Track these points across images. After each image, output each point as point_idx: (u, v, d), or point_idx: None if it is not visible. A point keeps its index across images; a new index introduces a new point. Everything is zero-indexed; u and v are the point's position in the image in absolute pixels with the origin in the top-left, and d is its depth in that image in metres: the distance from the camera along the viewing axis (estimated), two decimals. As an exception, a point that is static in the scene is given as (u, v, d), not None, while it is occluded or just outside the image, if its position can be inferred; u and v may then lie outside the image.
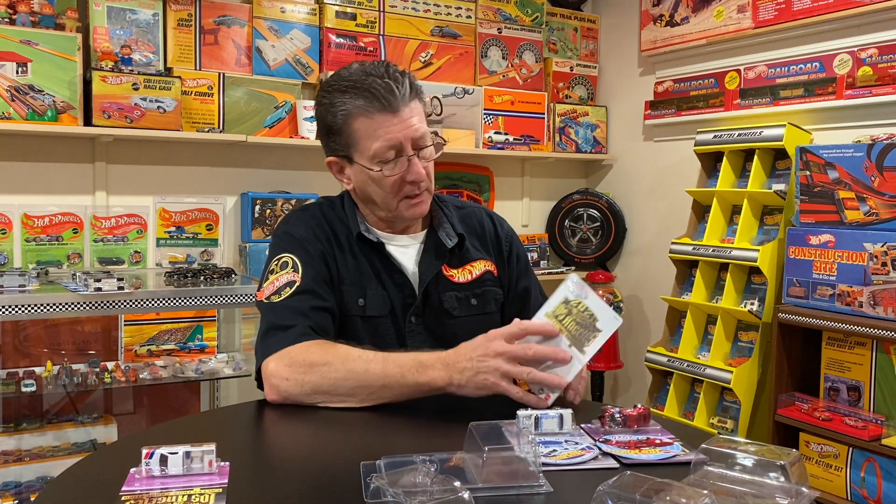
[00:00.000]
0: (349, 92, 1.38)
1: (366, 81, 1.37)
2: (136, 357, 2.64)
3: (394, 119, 1.37)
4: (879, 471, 2.18)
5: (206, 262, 2.82)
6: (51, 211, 2.58)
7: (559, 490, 0.94)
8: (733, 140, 2.82)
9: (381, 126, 1.37)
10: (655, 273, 3.40)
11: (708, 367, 2.73)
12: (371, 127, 1.38)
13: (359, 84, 1.37)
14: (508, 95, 3.39)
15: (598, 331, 1.26)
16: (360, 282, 1.46)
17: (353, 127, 1.40)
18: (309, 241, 1.46)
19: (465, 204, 1.65)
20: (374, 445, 1.12)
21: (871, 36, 2.59)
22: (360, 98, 1.37)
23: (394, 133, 1.37)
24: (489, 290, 1.54)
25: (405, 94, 1.37)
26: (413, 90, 1.39)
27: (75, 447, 2.46)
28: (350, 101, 1.38)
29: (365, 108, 1.37)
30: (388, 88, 1.36)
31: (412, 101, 1.39)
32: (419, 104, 1.41)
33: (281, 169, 3.02)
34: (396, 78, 1.37)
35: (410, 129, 1.38)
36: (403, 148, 1.39)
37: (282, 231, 1.50)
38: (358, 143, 1.41)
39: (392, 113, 1.37)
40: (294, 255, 1.43)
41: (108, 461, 1.07)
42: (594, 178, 3.81)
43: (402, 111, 1.37)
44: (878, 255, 2.19)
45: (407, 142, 1.38)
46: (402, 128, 1.37)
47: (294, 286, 1.39)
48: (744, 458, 0.95)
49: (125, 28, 2.65)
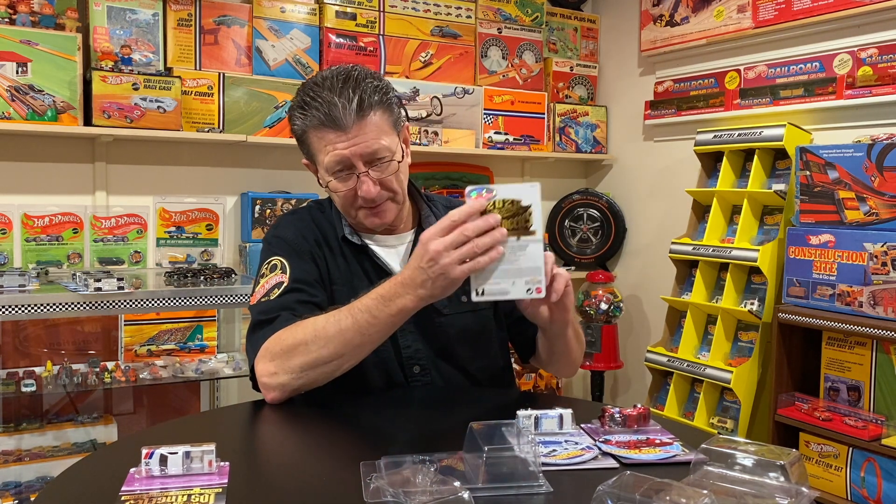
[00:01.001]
0: (303, 107, 1.40)
1: (317, 98, 1.37)
2: (136, 357, 2.64)
3: (342, 136, 1.37)
4: (879, 471, 2.18)
5: (206, 262, 2.82)
6: (51, 211, 2.58)
7: (559, 490, 0.95)
8: (733, 140, 2.82)
9: (329, 142, 1.38)
10: (655, 273, 3.40)
11: (708, 367, 2.73)
12: (321, 142, 1.39)
13: (310, 100, 1.38)
14: (508, 95, 3.39)
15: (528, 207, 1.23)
16: (350, 282, 1.47)
17: (309, 140, 1.42)
18: (297, 243, 1.48)
19: (453, 202, 1.65)
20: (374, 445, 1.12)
21: (871, 36, 2.59)
22: (312, 114, 1.38)
23: (339, 150, 1.37)
24: None
25: (351, 112, 1.35)
26: (363, 106, 1.36)
27: (75, 447, 2.46)
28: (302, 115, 1.40)
29: (314, 124, 1.38)
30: (334, 106, 1.35)
31: (367, 116, 1.37)
32: (379, 116, 1.39)
33: (281, 169, 3.02)
34: (347, 95, 1.36)
35: (359, 145, 1.37)
36: (353, 164, 1.38)
37: (271, 235, 1.53)
38: (315, 155, 1.43)
39: (339, 130, 1.36)
40: (282, 257, 1.45)
41: (108, 461, 1.08)
42: (594, 178, 3.81)
43: (350, 128, 1.36)
44: (878, 255, 2.19)
45: (356, 158, 1.38)
46: (348, 144, 1.37)
47: (282, 286, 1.41)
48: (744, 458, 0.95)
49: (125, 28, 2.65)
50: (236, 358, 2.70)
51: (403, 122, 1.48)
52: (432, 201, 1.60)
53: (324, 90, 1.37)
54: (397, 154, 1.43)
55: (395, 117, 1.44)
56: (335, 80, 1.38)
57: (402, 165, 1.45)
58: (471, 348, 1.51)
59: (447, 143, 3.20)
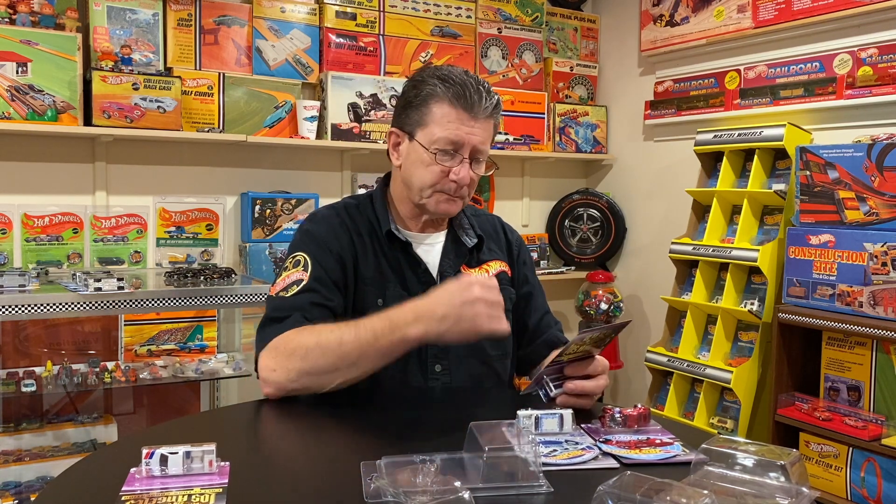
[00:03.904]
0: (446, 81, 1.44)
1: (463, 80, 1.44)
2: (136, 357, 2.64)
3: (469, 120, 1.44)
4: (879, 471, 2.18)
5: (206, 262, 2.82)
6: (51, 211, 2.58)
7: (559, 490, 0.95)
8: (733, 140, 2.82)
9: (455, 119, 1.43)
10: (655, 273, 3.40)
11: (708, 367, 2.73)
12: (447, 116, 1.44)
13: (456, 79, 1.44)
14: (508, 95, 3.39)
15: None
16: (380, 282, 1.48)
17: (431, 108, 1.45)
18: (327, 241, 1.48)
19: (478, 211, 1.71)
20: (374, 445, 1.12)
21: (871, 36, 2.59)
22: (451, 89, 1.43)
23: (462, 131, 1.43)
24: (504, 289, 1.56)
25: (487, 108, 1.44)
26: (495, 110, 1.47)
27: (75, 447, 2.46)
28: (442, 86, 1.44)
29: (451, 98, 1.43)
30: (479, 94, 1.44)
31: (490, 118, 1.47)
32: (493, 125, 1.49)
33: (281, 169, 3.02)
34: (488, 90, 1.46)
35: (477, 136, 1.45)
36: (462, 147, 1.44)
37: (304, 228, 1.54)
38: (428, 124, 1.45)
39: (470, 114, 1.43)
40: (308, 253, 1.46)
41: (108, 461, 1.08)
42: (594, 178, 3.81)
43: (478, 118, 1.44)
44: (878, 255, 2.19)
45: (468, 145, 1.44)
46: (470, 131, 1.44)
47: (301, 284, 1.42)
48: (744, 458, 0.95)
49: (125, 28, 2.65)
50: (236, 358, 2.70)
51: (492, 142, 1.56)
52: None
53: (468, 78, 1.45)
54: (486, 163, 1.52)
55: (494, 136, 1.54)
56: (475, 77, 1.47)
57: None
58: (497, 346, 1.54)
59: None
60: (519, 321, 1.61)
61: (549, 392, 1.30)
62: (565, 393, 1.30)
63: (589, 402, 1.32)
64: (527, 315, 1.62)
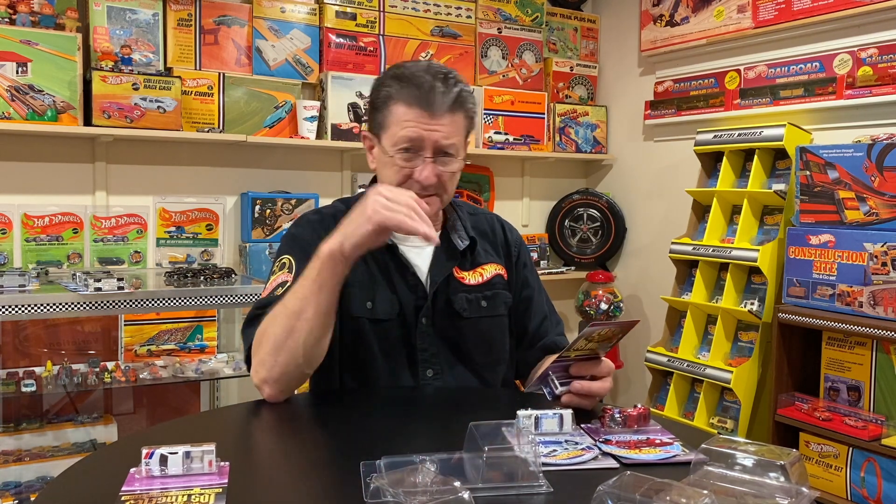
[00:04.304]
0: (401, 79, 1.42)
1: (418, 77, 1.41)
2: (136, 357, 2.64)
3: (427, 118, 1.39)
4: (879, 471, 2.18)
5: (206, 262, 2.82)
6: (51, 211, 2.58)
7: (559, 490, 0.94)
8: (733, 140, 2.82)
9: (412, 119, 1.40)
10: (655, 273, 3.39)
11: (708, 367, 2.73)
12: (404, 116, 1.40)
13: (411, 76, 1.41)
14: (508, 95, 3.39)
15: None
16: (368, 284, 1.47)
17: (390, 109, 1.43)
18: (312, 243, 1.46)
19: (477, 210, 1.68)
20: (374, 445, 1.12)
21: (871, 36, 2.59)
22: (406, 88, 1.40)
23: (419, 129, 1.39)
24: (499, 292, 1.56)
25: (447, 102, 1.39)
26: (458, 102, 1.41)
27: (75, 447, 2.46)
28: (397, 85, 1.42)
29: (406, 98, 1.40)
30: (434, 89, 1.39)
31: (455, 112, 1.41)
32: (462, 118, 1.44)
33: (281, 169, 3.02)
34: (449, 84, 1.41)
35: (438, 132, 1.40)
36: (423, 146, 1.40)
37: (289, 233, 1.54)
38: (389, 126, 1.43)
39: (428, 112, 1.39)
40: (293, 256, 1.46)
41: (108, 461, 1.08)
42: (594, 178, 3.81)
43: (438, 114, 1.39)
44: (878, 255, 2.19)
45: (429, 143, 1.40)
46: (429, 128, 1.39)
47: (286, 286, 1.41)
48: (744, 458, 0.95)
49: (125, 28, 2.65)
50: (236, 358, 2.70)
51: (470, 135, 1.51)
52: (458, 206, 1.62)
53: (427, 73, 1.41)
54: (460, 158, 1.46)
55: (469, 128, 1.48)
56: (437, 69, 1.43)
57: (459, 170, 1.48)
58: (487, 353, 1.52)
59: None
60: (518, 325, 1.59)
61: (554, 390, 1.29)
62: (571, 392, 1.29)
63: (592, 402, 1.31)
64: (527, 319, 1.60)
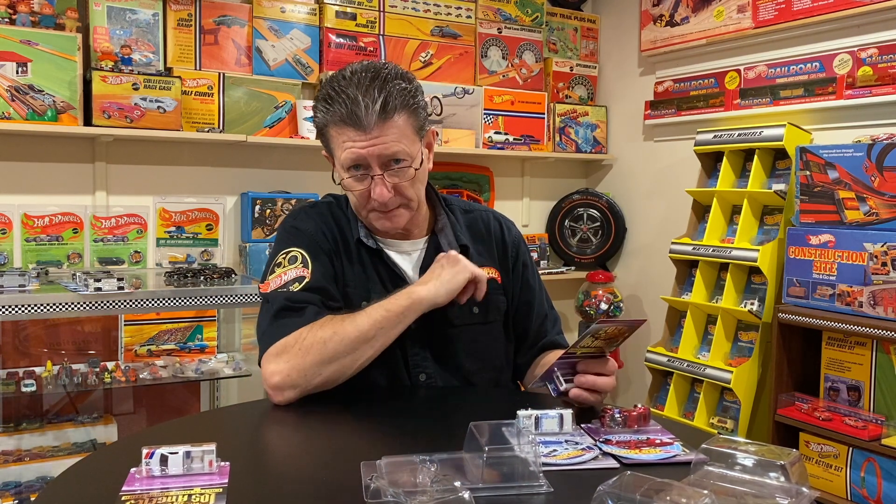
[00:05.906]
0: (329, 101, 1.36)
1: (342, 93, 1.34)
2: (136, 357, 2.64)
3: (360, 135, 1.33)
4: (879, 471, 2.18)
5: (206, 262, 2.82)
6: (51, 211, 2.58)
7: (559, 490, 0.94)
8: (733, 140, 2.82)
9: (348, 139, 1.35)
10: (655, 273, 3.39)
11: (708, 367, 2.73)
12: (340, 138, 1.36)
13: (335, 94, 1.35)
14: (508, 95, 3.39)
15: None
16: (364, 284, 1.45)
17: (328, 133, 1.40)
18: (318, 239, 1.45)
19: (473, 207, 1.62)
20: (374, 445, 1.12)
21: (871, 36, 2.59)
22: (332, 109, 1.35)
23: (356, 149, 1.34)
24: (492, 298, 1.50)
25: (374, 112, 1.32)
26: (388, 108, 1.33)
27: (75, 447, 2.46)
28: (325, 108, 1.37)
29: (336, 120, 1.35)
30: (357, 105, 1.32)
31: (387, 119, 1.33)
32: (403, 120, 1.36)
33: (281, 169, 3.02)
34: (372, 93, 1.32)
35: (377, 147, 1.33)
36: (368, 165, 1.36)
37: (290, 225, 1.48)
38: (334, 150, 1.41)
39: (359, 129, 1.33)
40: (303, 249, 1.42)
41: (108, 461, 1.08)
42: (594, 178, 3.80)
43: (371, 128, 1.33)
44: (878, 255, 2.19)
45: (372, 159, 1.35)
46: (366, 144, 1.33)
47: (304, 282, 1.38)
48: (744, 458, 0.95)
49: (125, 28, 2.65)
50: (236, 358, 2.70)
51: (428, 128, 1.44)
52: (450, 206, 1.57)
53: (350, 86, 1.33)
54: (416, 160, 1.39)
55: (420, 122, 1.40)
56: (363, 76, 1.35)
57: (420, 172, 1.41)
58: (478, 360, 1.49)
59: (447, 143, 3.20)
60: (518, 327, 1.56)
61: (559, 386, 1.28)
62: (577, 386, 1.27)
63: (598, 398, 1.29)
64: (528, 322, 1.57)
